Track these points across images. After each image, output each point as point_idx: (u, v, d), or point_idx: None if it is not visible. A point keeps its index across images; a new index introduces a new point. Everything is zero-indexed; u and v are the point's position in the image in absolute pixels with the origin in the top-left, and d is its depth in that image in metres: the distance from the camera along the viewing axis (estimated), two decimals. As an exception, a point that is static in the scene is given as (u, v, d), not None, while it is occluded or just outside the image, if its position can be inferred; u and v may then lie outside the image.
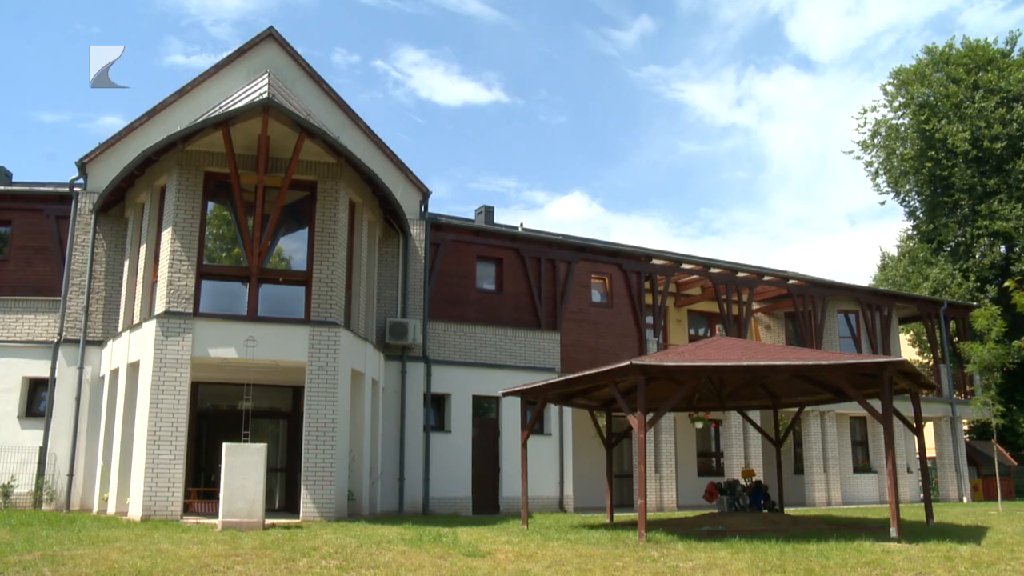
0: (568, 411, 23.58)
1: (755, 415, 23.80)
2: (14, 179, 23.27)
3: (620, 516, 19.72)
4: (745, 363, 14.27)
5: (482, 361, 22.92)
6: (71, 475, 19.37)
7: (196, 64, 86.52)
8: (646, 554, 11.73)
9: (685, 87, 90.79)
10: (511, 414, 22.45)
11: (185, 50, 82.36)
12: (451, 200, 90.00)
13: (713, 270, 28.17)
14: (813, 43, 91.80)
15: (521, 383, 18.65)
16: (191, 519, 16.49)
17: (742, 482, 19.49)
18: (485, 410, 23.06)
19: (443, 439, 22.12)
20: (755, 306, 30.59)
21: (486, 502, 22.23)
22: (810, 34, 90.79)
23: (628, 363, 14.07)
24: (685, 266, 27.76)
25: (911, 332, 42.71)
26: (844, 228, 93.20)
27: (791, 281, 29.80)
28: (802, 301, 29.72)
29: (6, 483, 18.93)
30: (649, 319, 26.61)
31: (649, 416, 15.13)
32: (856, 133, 63.82)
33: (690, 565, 10.84)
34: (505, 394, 17.99)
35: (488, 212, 26.17)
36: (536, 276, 24.60)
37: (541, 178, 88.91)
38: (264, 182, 17.74)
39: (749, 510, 18.53)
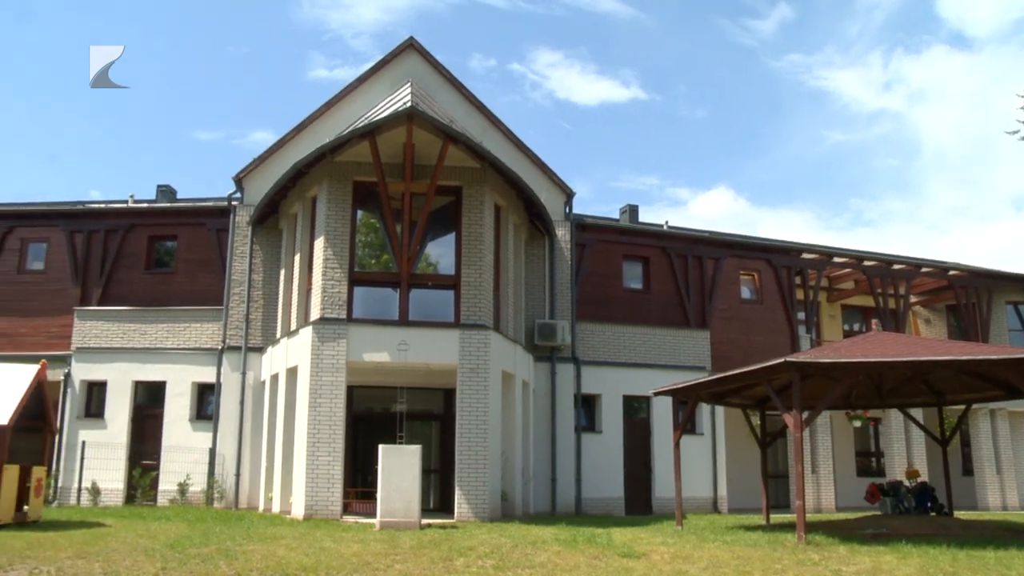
0: (720, 410, 23.11)
1: (917, 413, 22.72)
2: (178, 196, 24.61)
3: (776, 517, 19.14)
4: (907, 359, 13.65)
5: (631, 361, 22.71)
6: (238, 475, 20.32)
7: (339, 77, 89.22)
8: (806, 557, 11.33)
9: (829, 74, 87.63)
10: (662, 414, 22.17)
11: (328, 64, 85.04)
12: (594, 200, 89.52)
13: (867, 263, 27.07)
14: (968, 18, 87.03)
15: (671, 382, 18.38)
16: (350, 518, 16.93)
17: (906, 483, 18.58)
18: (635, 410, 22.85)
19: (594, 439, 22.05)
20: (913, 299, 29.17)
21: (638, 503, 22.02)
22: (964, 9, 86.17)
23: (782, 360, 13.66)
24: (837, 259, 26.78)
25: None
26: (1009, 214, 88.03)
27: (952, 272, 28.31)
28: (965, 293, 28.22)
29: (182, 481, 20.05)
30: (801, 315, 25.83)
31: (805, 415, 14.65)
32: (1021, 112, 59.92)
33: (853, 569, 10.37)
34: (656, 393, 17.79)
35: (632, 211, 25.95)
36: (683, 274, 24.24)
37: (684, 174, 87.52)
38: (411, 189, 18.10)
39: (915, 513, 17.64)
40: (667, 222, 26.08)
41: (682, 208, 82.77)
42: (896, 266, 27.41)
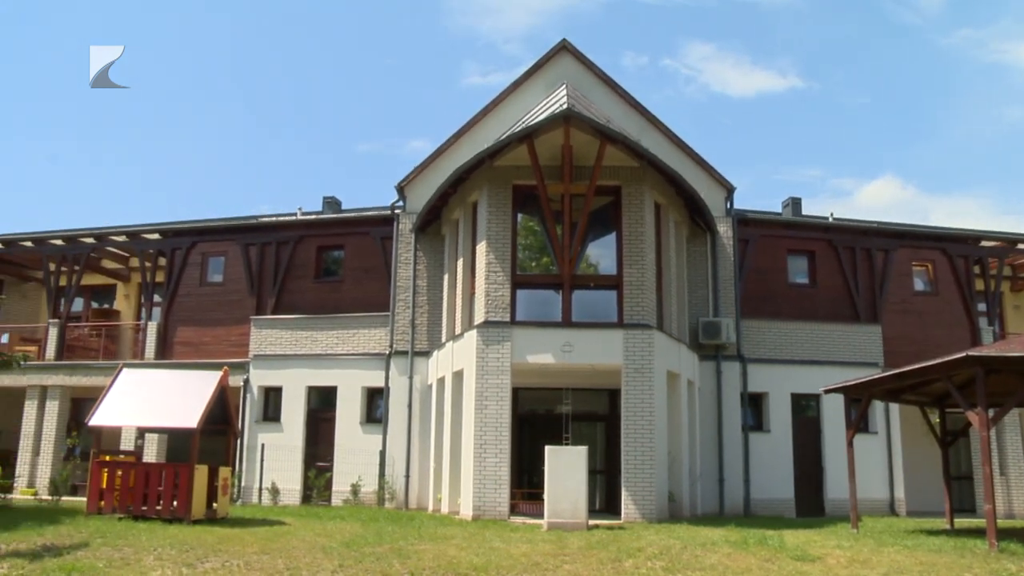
0: (895, 408, 22.11)
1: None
2: (343, 207, 25.49)
3: (961, 522, 18.15)
4: (1110, 351, 12.71)
5: (799, 358, 22.01)
6: (407, 476, 20.82)
7: (493, 82, 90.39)
8: (1001, 566, 10.65)
9: (1007, 47, 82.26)
10: (832, 412, 21.37)
11: (481, 70, 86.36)
12: (754, 195, 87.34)
13: (1056, 248, 25.34)
14: None
15: (842, 380, 17.72)
16: (518, 519, 17.10)
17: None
18: (804, 408, 22.15)
19: (762, 439, 21.51)
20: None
21: (810, 504, 21.31)
22: None
23: (964, 355, 12.96)
24: (1021, 246, 25.20)
25: None
26: None
27: None
28: None
29: (354, 482, 20.71)
30: (982, 306, 24.45)
31: (991, 412, 13.86)
32: None
33: (1059, 582, 9.74)
34: (827, 391, 17.21)
35: (795, 204, 25.23)
36: (851, 267, 23.36)
37: (847, 164, 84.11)
38: (570, 190, 18.13)
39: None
40: (832, 214, 25.16)
41: (847, 199, 79.74)
42: (1090, 251, 25.52)
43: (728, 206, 22.46)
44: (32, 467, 24.31)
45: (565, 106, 17.23)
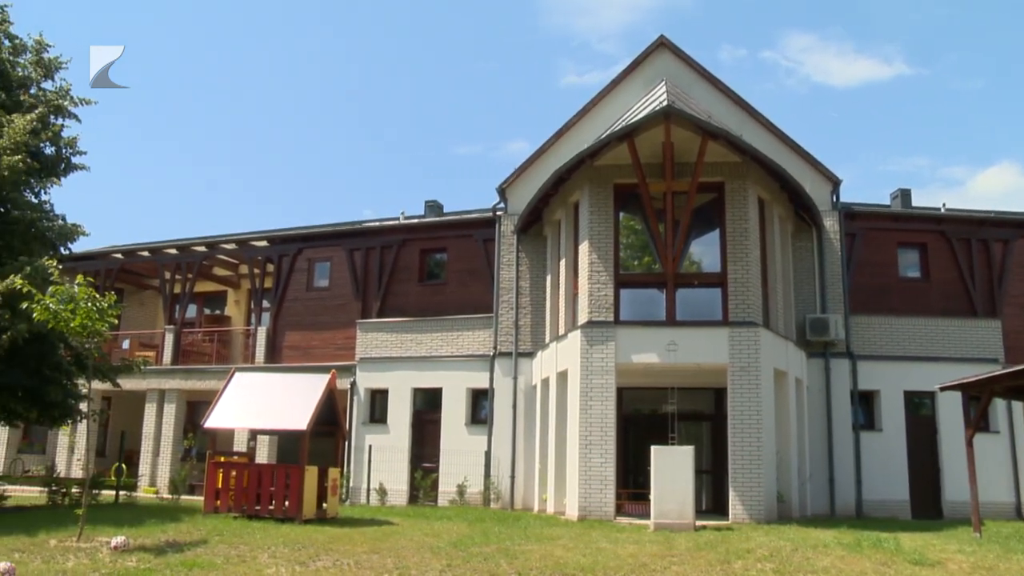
0: (1018, 406, 21.23)
1: None
2: (445, 210, 25.79)
3: (1099, 528, 17.25)
4: None
5: (911, 354, 21.31)
6: (513, 476, 20.94)
7: (590, 82, 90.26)
8: None
9: None
10: (949, 410, 20.61)
11: (577, 70, 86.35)
12: (860, 187, 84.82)
13: None
14: None
15: (959, 376, 17.08)
16: (623, 519, 17.03)
17: None
18: (918, 406, 21.44)
19: (873, 438, 20.90)
20: None
21: (926, 506, 20.61)
22: None
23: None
24: None
25: None
26: None
27: None
28: None
29: (460, 483, 20.92)
30: (1110, 297, 23.27)
31: None
32: None
33: None
34: (943, 389, 16.63)
35: (904, 195, 24.47)
36: (967, 259, 22.50)
37: (959, 152, 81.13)
38: (672, 188, 17.98)
39: None
40: (944, 204, 24.32)
41: (959, 188, 76.99)
42: None
43: (834, 200, 21.92)
44: (153, 467, 25.31)
45: (665, 103, 17.09)
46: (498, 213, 22.61)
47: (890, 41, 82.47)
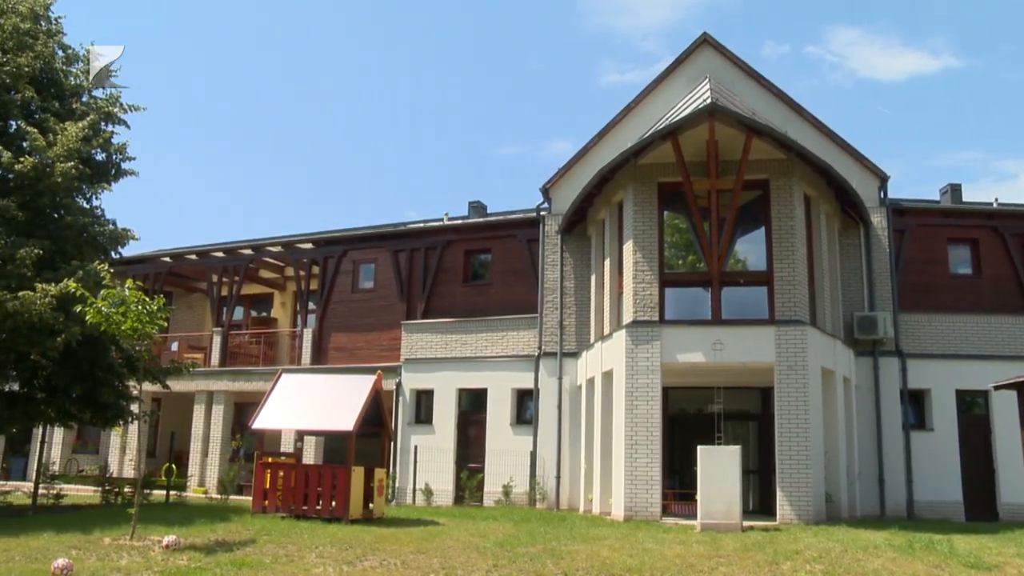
0: (1075, 404, 20.78)
1: None
2: (489, 211, 25.83)
3: None
4: None
5: (963, 352, 20.91)
6: (558, 477, 20.93)
7: (631, 80, 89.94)
8: None
9: None
10: (1004, 410, 20.14)
11: (619, 68, 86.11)
12: (907, 182, 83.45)
13: None
14: None
15: (1013, 375, 16.77)
16: (669, 520, 16.95)
17: None
18: (970, 406, 21.06)
19: (924, 438, 20.56)
20: None
21: (981, 508, 20.22)
22: None
23: None
24: None
25: None
26: None
27: None
28: None
29: (506, 483, 20.95)
30: None
31: None
32: None
33: None
34: (997, 387, 16.27)
35: (954, 190, 24.05)
36: (1020, 255, 21.99)
37: (1011, 145, 79.29)
38: (716, 186, 17.87)
39: None
40: (996, 199, 23.90)
41: (1011, 182, 75.46)
42: None
43: (882, 196, 21.61)
44: (202, 467, 25.65)
45: (709, 100, 16.99)
46: (542, 213, 22.61)
47: (938, 33, 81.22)
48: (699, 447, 15.71)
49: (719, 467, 15.35)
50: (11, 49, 16.78)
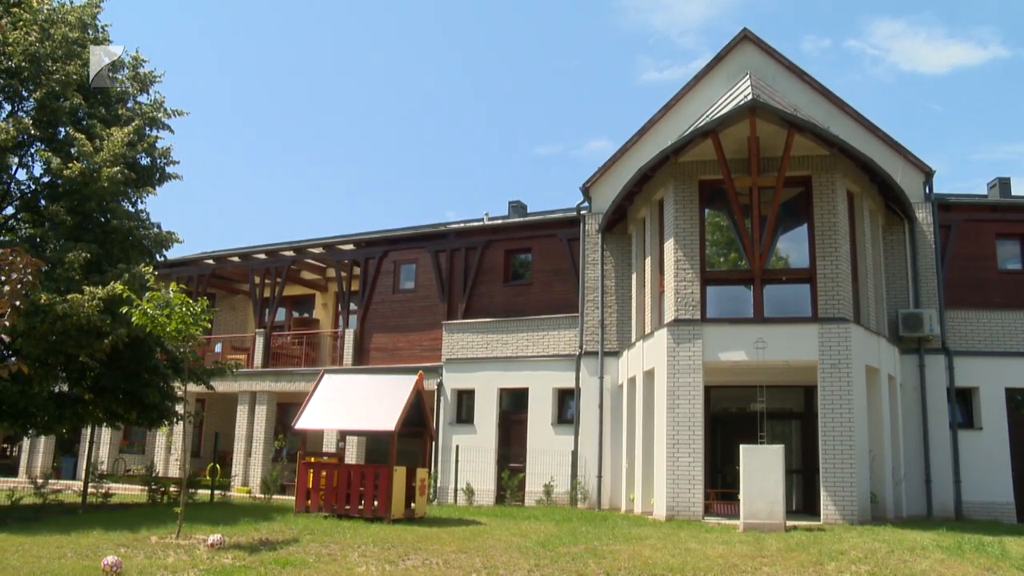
0: None
1: None
2: (528, 210, 25.83)
3: None
4: None
5: (1013, 350, 20.47)
6: (599, 476, 20.89)
7: (670, 78, 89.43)
8: None
9: None
10: (1055, 408, 19.90)
11: (657, 66, 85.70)
12: (952, 176, 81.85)
13: None
14: None
15: (1065, 372, 16.48)
16: (712, 519, 16.87)
17: None
18: (1020, 404, 20.66)
19: (972, 437, 20.21)
20: None
21: (1033, 509, 19.88)
22: None
23: None
24: None
25: None
26: None
27: None
28: None
29: (547, 483, 20.93)
30: None
31: None
32: None
33: None
34: (1049, 385, 16.04)
35: (1003, 184, 23.57)
36: (1072, 250, 21.60)
37: (1064, 137, 77.58)
38: (758, 183, 17.71)
39: None
40: (1047, 193, 23.42)
41: (1065, 175, 73.66)
42: None
43: (927, 191, 21.29)
44: (245, 467, 25.94)
45: (750, 97, 16.86)
46: (582, 212, 22.58)
47: (985, 23, 79.74)
48: (741, 446, 15.61)
49: (762, 466, 15.22)
50: (60, 58, 17.07)
